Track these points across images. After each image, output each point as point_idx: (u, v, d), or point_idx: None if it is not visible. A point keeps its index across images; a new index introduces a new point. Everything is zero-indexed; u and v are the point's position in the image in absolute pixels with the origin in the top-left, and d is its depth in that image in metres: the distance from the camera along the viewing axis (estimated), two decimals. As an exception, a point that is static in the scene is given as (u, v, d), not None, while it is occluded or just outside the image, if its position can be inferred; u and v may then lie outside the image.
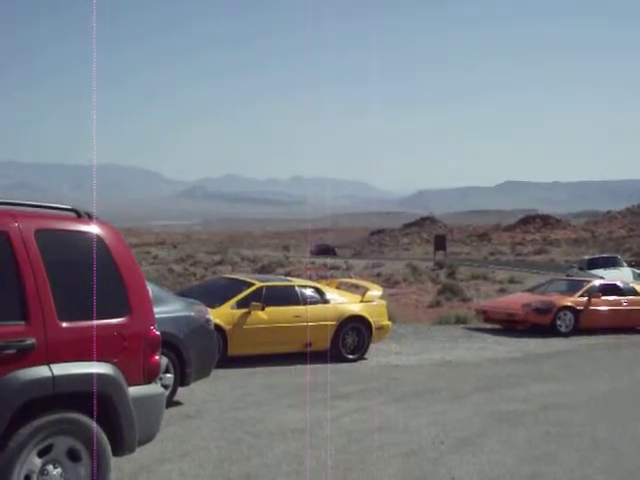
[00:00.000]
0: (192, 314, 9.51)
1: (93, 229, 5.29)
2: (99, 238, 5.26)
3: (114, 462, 5.30)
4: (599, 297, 18.39)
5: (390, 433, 8.16)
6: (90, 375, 4.92)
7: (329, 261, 44.81)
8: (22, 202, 5.25)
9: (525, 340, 16.83)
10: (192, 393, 9.70)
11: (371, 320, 13.48)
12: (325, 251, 63.43)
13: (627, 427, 8.80)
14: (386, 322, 14.04)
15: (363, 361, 13.28)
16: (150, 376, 5.42)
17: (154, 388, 5.49)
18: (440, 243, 52.37)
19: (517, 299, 19.42)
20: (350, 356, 13.22)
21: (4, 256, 4.79)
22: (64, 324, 4.90)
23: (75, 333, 4.94)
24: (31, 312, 4.78)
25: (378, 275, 37.63)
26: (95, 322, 5.03)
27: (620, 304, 18.70)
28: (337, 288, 14.62)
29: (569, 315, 17.86)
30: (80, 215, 5.37)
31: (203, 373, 9.57)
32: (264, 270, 37.71)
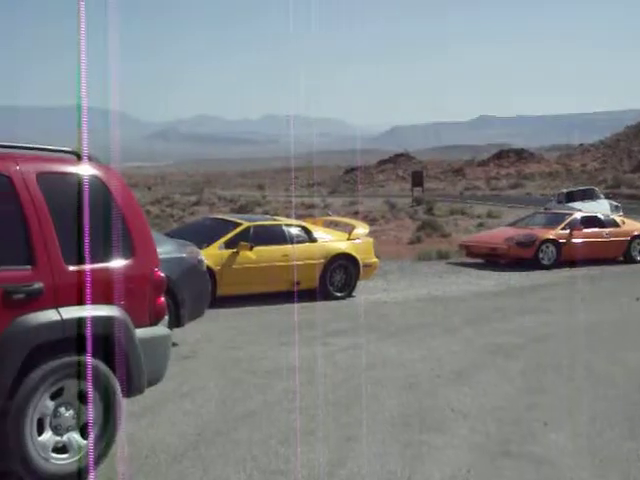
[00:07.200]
0: (184, 255, 9.48)
1: (95, 171, 5.22)
2: (101, 181, 5.20)
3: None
4: (580, 230, 18.58)
5: (385, 368, 8.27)
6: (98, 318, 4.92)
7: (306, 199, 44.72)
8: (22, 145, 5.15)
9: (508, 274, 17.02)
10: (186, 334, 9.71)
11: (358, 257, 13.54)
12: None
13: (616, 355, 9.00)
14: (373, 259, 14.12)
15: (351, 299, 13.39)
16: (156, 318, 5.42)
17: (160, 329, 5.50)
18: (417, 179, 52.05)
19: (500, 233, 19.57)
20: (338, 294, 13.30)
21: (8, 201, 4.72)
22: (70, 268, 4.86)
23: (81, 276, 4.91)
24: (37, 256, 4.74)
25: (356, 213, 37.56)
26: (101, 265, 5.01)
27: (601, 236, 18.96)
28: (324, 226, 14.64)
29: (551, 248, 18.07)
30: (81, 158, 5.29)
31: (197, 314, 9.59)
32: (242, 210, 37.47)
